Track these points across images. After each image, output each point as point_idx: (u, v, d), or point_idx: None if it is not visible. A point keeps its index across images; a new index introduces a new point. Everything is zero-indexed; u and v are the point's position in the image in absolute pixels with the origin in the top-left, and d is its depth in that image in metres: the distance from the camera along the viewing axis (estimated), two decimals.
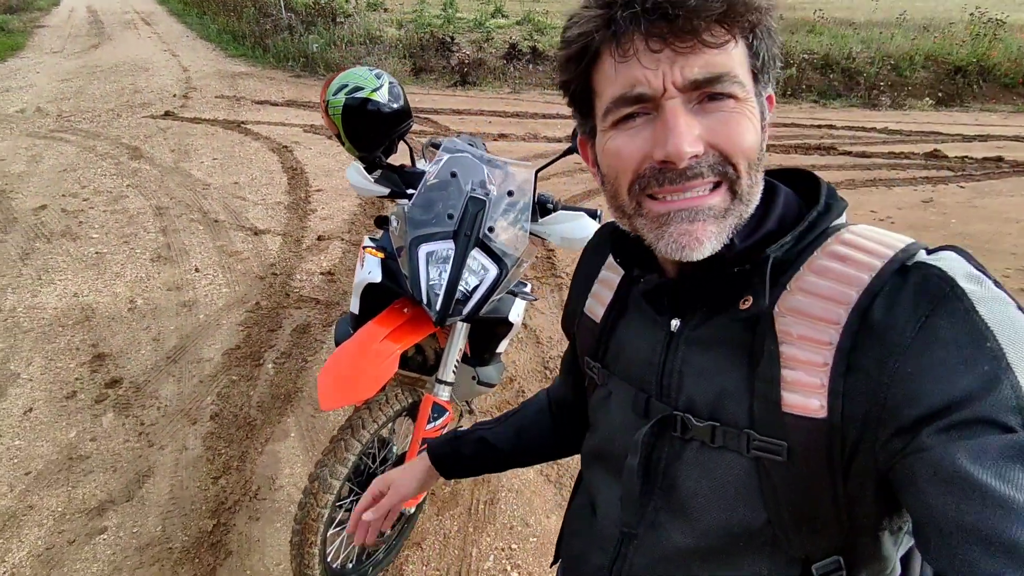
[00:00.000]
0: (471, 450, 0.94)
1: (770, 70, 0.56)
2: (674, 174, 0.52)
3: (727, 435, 0.56)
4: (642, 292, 0.65)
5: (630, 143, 0.54)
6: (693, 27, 0.49)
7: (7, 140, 6.18)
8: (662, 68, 0.51)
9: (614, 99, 0.54)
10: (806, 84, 9.01)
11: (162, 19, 15.97)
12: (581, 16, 0.54)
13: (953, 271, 0.49)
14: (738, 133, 0.53)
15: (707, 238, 0.54)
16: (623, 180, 0.56)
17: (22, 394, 2.70)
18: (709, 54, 0.51)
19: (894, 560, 0.59)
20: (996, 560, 0.40)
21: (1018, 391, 0.43)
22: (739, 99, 0.53)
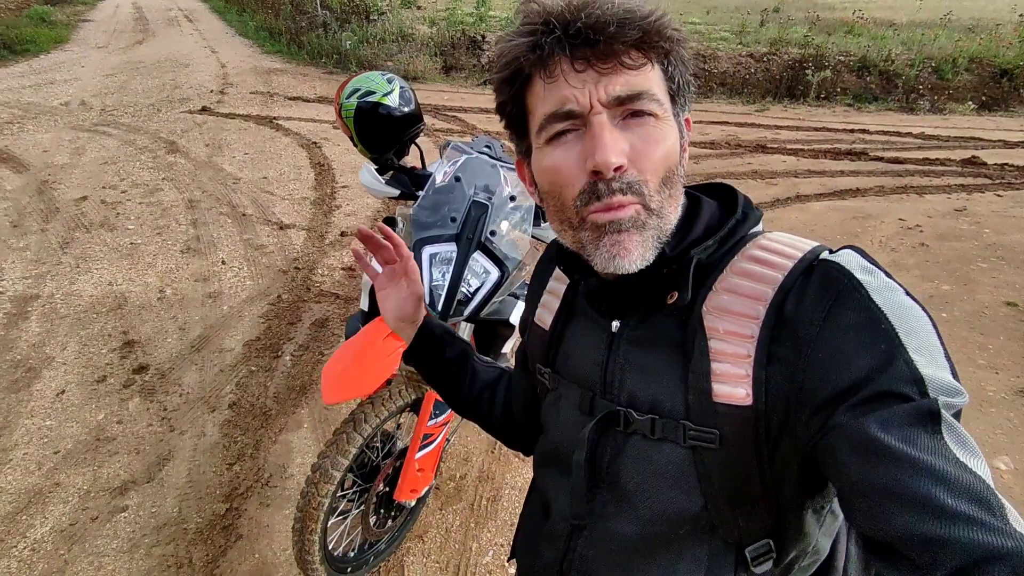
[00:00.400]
0: (451, 354, 0.93)
1: (685, 94, 0.62)
2: (604, 186, 0.57)
3: (665, 427, 0.61)
4: (583, 294, 0.71)
5: (565, 157, 0.59)
6: (613, 51, 0.56)
7: (52, 132, 6.46)
8: (588, 87, 0.56)
9: (546, 116, 0.59)
10: (841, 87, 8.79)
11: (204, 16, 16.40)
12: (511, 42, 0.59)
13: (850, 265, 0.55)
14: (656, 150, 0.58)
15: (634, 247, 0.58)
16: (568, 193, 0.60)
17: (56, 376, 2.85)
18: (629, 75, 0.56)
19: (816, 536, 0.64)
20: (910, 514, 0.44)
21: (910, 365, 0.49)
22: (658, 117, 0.58)
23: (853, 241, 4.21)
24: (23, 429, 2.53)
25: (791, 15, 12.54)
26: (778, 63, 9.26)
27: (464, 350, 0.94)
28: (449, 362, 0.92)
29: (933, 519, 0.43)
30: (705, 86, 9.10)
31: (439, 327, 0.93)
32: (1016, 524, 0.43)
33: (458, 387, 0.94)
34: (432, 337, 0.92)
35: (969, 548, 0.41)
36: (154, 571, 1.95)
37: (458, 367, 0.93)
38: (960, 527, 0.42)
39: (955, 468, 0.45)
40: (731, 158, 6.07)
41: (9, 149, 5.86)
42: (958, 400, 0.50)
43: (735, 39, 10.71)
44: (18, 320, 3.27)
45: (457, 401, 0.95)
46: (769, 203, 4.96)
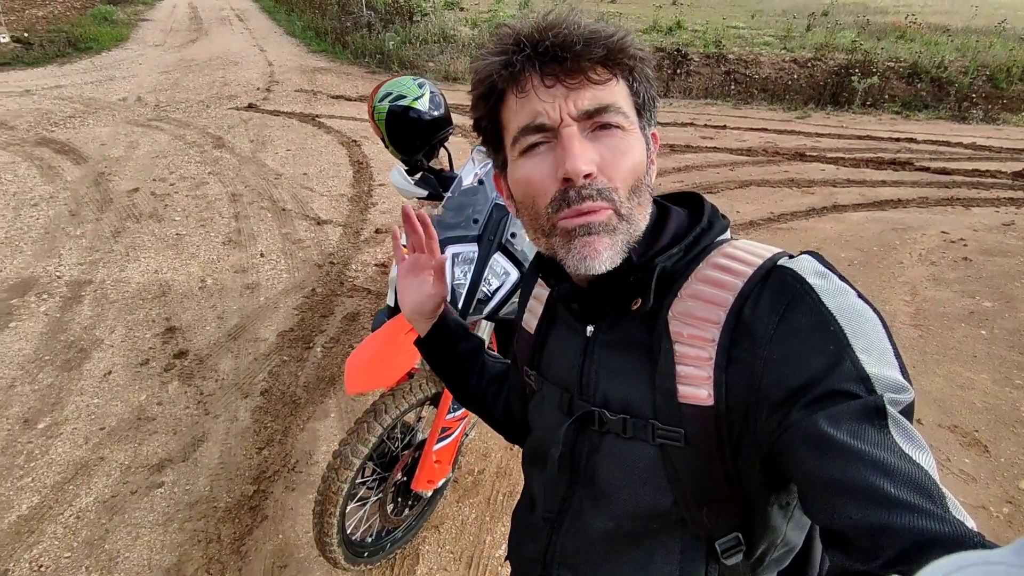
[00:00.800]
0: (464, 348, 0.95)
1: (651, 109, 0.66)
2: (574, 193, 0.60)
3: (636, 426, 0.65)
4: (557, 298, 0.75)
5: (538, 168, 0.63)
6: (580, 67, 0.60)
7: (109, 126, 6.79)
8: (558, 101, 0.60)
9: (519, 129, 0.63)
10: (889, 94, 8.55)
11: (254, 16, 16.93)
12: (485, 61, 0.64)
13: (804, 270, 0.58)
14: (624, 160, 0.62)
15: (603, 248, 0.62)
16: (540, 202, 0.64)
17: (104, 358, 3.02)
18: (596, 89, 0.61)
19: (783, 530, 0.67)
20: (857, 504, 0.47)
21: (857, 364, 0.52)
22: (625, 129, 0.62)
23: (890, 254, 4.12)
24: (73, 405, 2.70)
25: (839, 19, 12.21)
26: (823, 69, 9.06)
27: (477, 346, 0.96)
28: (461, 356, 0.95)
29: (878, 508, 0.46)
30: (745, 92, 8.96)
31: (454, 322, 0.95)
32: (955, 511, 0.45)
33: (467, 380, 0.96)
34: (447, 330, 0.94)
35: (910, 534, 0.44)
36: (185, 544, 2.06)
37: (469, 361, 0.95)
38: (902, 514, 0.45)
39: (899, 460, 0.48)
40: (767, 166, 5.98)
41: (71, 142, 6.19)
42: (904, 396, 0.53)
43: (779, 44, 10.51)
44: (72, 304, 3.47)
45: (463, 393, 0.98)
46: (804, 212, 4.87)
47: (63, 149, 5.98)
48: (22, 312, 3.37)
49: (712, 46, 10.13)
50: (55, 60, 10.49)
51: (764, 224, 4.65)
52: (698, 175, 5.67)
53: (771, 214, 4.82)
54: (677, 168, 5.85)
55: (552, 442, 0.71)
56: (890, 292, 3.71)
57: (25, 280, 3.69)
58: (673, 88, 9.22)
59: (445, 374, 0.97)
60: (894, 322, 3.39)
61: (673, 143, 6.63)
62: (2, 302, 3.45)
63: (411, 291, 0.91)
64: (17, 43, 10.84)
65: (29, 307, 3.42)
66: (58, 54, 10.77)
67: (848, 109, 8.44)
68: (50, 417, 2.62)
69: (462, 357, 0.95)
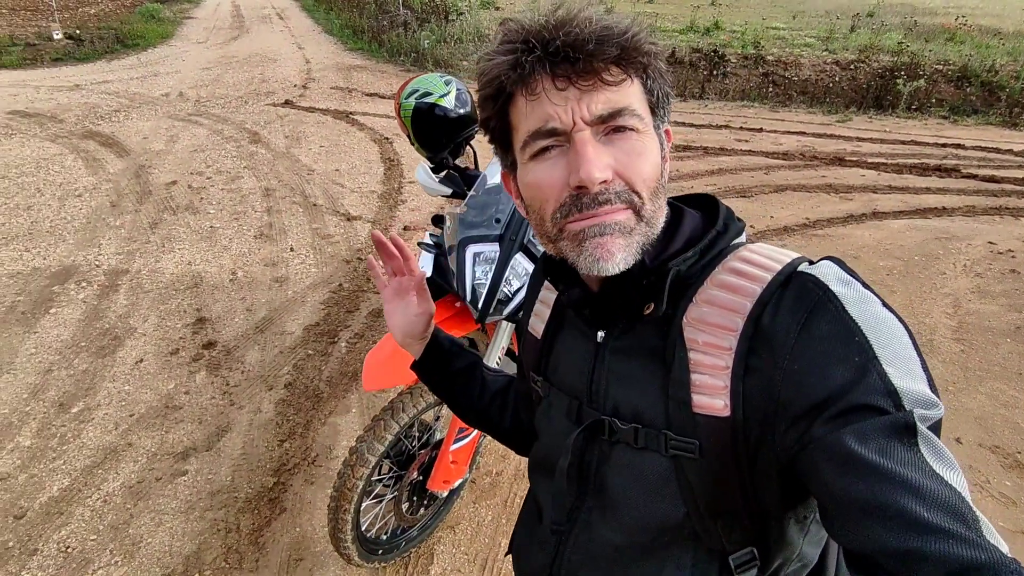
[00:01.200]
0: (460, 365, 0.93)
1: (664, 106, 0.63)
2: (588, 199, 0.58)
3: (648, 436, 0.62)
4: (568, 304, 0.71)
5: (548, 173, 0.60)
6: (593, 68, 0.56)
7: (152, 120, 6.99)
8: (570, 104, 0.57)
9: (530, 133, 0.60)
10: (936, 98, 8.24)
11: (294, 14, 17.25)
12: (492, 60, 0.60)
13: (826, 277, 0.55)
14: (641, 162, 0.59)
15: (617, 250, 0.59)
16: (547, 208, 0.61)
17: (136, 346, 3.10)
18: (609, 91, 0.57)
19: (800, 545, 0.64)
20: (886, 527, 0.45)
21: (884, 378, 0.49)
22: (640, 131, 0.59)
23: (932, 264, 3.96)
24: (105, 391, 2.77)
25: (885, 20, 11.84)
26: (866, 71, 8.79)
27: (473, 362, 0.94)
28: (456, 374, 0.92)
29: (909, 532, 0.43)
30: (783, 94, 8.75)
31: (447, 339, 0.93)
32: (990, 537, 0.43)
33: (467, 398, 0.94)
34: (440, 350, 0.92)
35: (943, 561, 0.42)
36: (205, 533, 2.10)
37: (465, 378, 0.93)
38: (936, 540, 0.42)
39: (931, 481, 0.45)
40: (804, 170, 5.82)
41: (115, 135, 6.40)
42: (933, 412, 0.49)
43: (820, 45, 10.23)
44: (109, 292, 3.57)
45: (466, 411, 0.95)
46: (841, 219, 4.72)
47: (107, 142, 6.17)
48: (62, 299, 3.48)
49: (750, 47, 9.92)
50: (104, 56, 10.86)
51: (799, 230, 4.52)
52: (732, 178, 5.55)
53: (807, 220, 4.69)
54: (710, 171, 5.74)
55: (560, 451, 0.69)
56: (931, 304, 3.57)
57: (66, 268, 3.82)
58: (709, 90, 9.06)
59: (445, 394, 0.95)
60: (934, 335, 3.26)
61: (707, 145, 6.51)
62: (44, 289, 3.57)
63: (398, 315, 0.89)
64: (69, 39, 11.27)
65: (69, 294, 3.53)
66: (107, 50, 11.15)
67: (892, 113, 8.17)
68: (83, 402, 2.69)
69: (459, 375, 0.93)
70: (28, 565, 1.97)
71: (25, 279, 3.66)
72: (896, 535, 0.44)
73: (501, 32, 0.61)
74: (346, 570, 1.97)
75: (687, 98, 8.99)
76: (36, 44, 10.84)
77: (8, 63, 9.89)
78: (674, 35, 11.44)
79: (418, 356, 0.92)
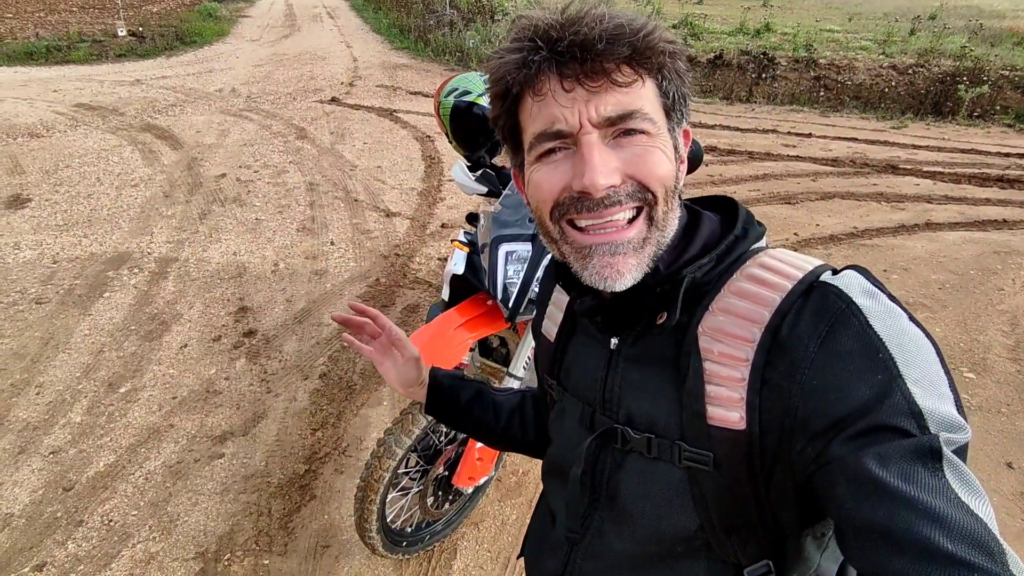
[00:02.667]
0: (467, 396, 0.93)
1: (681, 108, 0.60)
2: (592, 202, 0.56)
3: (661, 446, 0.60)
4: (579, 311, 0.70)
5: (551, 175, 0.58)
6: (603, 68, 0.54)
7: (205, 115, 7.25)
8: (577, 106, 0.55)
9: (536, 135, 0.58)
10: (1001, 105, 7.84)
11: (344, 13, 17.62)
12: (501, 59, 0.58)
13: (850, 289, 0.52)
14: (653, 163, 0.56)
15: (627, 270, 0.58)
16: (544, 208, 0.60)
17: (181, 332, 3.22)
18: (619, 93, 0.55)
19: (817, 560, 0.61)
20: (906, 557, 0.43)
21: (908, 398, 0.47)
22: (651, 135, 0.56)
23: (989, 279, 3.78)
24: (151, 374, 2.89)
25: (948, 23, 11.34)
26: (925, 76, 8.43)
27: (479, 389, 0.94)
28: (468, 405, 0.92)
29: (930, 563, 0.42)
30: (835, 99, 8.46)
31: (445, 376, 0.93)
32: (1016, 570, 0.40)
33: (485, 425, 0.94)
34: (442, 388, 0.92)
35: None
36: (238, 515, 2.16)
37: (478, 407, 0.93)
38: (957, 573, 0.41)
39: (955, 509, 0.43)
40: (854, 177, 5.62)
41: (171, 128, 6.66)
42: (960, 436, 0.47)
43: (877, 49, 9.87)
44: (159, 279, 3.72)
45: (492, 437, 0.96)
46: (892, 229, 4.54)
47: (163, 135, 6.43)
48: (115, 284, 3.64)
49: (802, 50, 9.64)
50: (164, 52, 11.33)
51: (846, 239, 4.37)
52: (776, 184, 5.41)
53: (854, 229, 4.52)
54: (755, 176, 5.60)
55: (573, 457, 0.68)
56: (986, 321, 3.40)
57: (120, 254, 3.99)
58: (757, 93, 8.84)
59: (465, 427, 0.96)
60: (988, 354, 3.10)
61: (752, 150, 6.35)
62: (100, 273, 3.74)
63: (392, 371, 0.90)
64: (132, 36, 11.79)
65: (122, 279, 3.69)
66: (167, 47, 11.62)
67: (952, 120, 7.81)
68: (130, 383, 2.81)
69: (470, 404, 0.93)
70: (74, 535, 2.07)
71: (83, 264, 3.85)
72: (915, 565, 0.42)
73: (512, 30, 0.59)
74: (371, 560, 2.00)
75: (734, 101, 8.80)
76: (102, 40, 11.39)
77: (76, 58, 10.42)
78: (722, 37, 11.21)
79: (423, 399, 0.92)
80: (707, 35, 11.25)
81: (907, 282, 3.78)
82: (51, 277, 3.68)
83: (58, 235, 4.21)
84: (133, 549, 2.03)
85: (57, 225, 4.36)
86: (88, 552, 2.01)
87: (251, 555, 2.02)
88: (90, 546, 2.03)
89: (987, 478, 2.35)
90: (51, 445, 2.44)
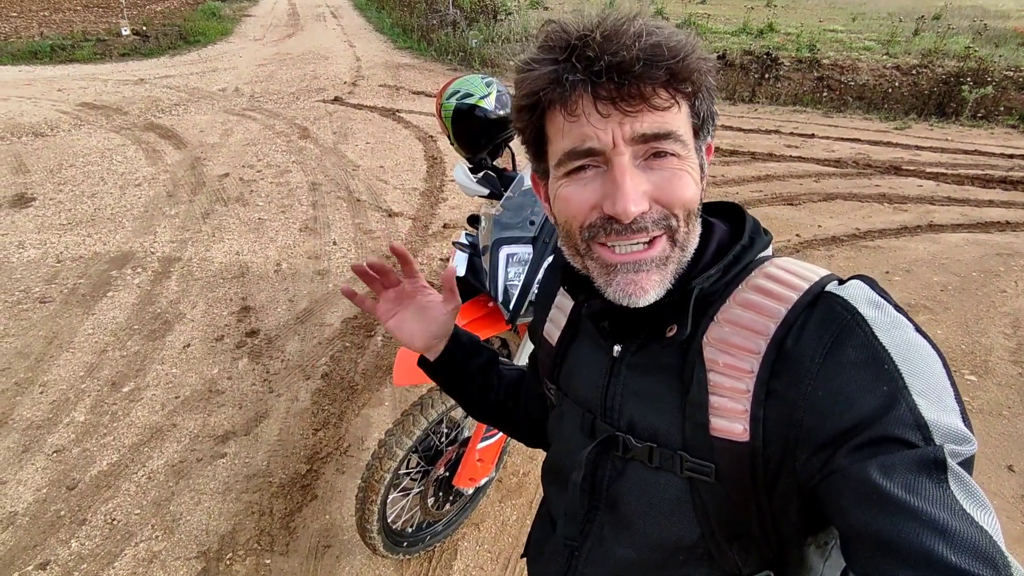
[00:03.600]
0: (481, 361, 0.89)
1: (709, 125, 0.60)
2: (621, 227, 0.56)
3: (663, 456, 0.61)
4: (587, 315, 0.69)
5: (581, 193, 0.58)
6: (640, 92, 0.53)
7: (208, 115, 7.26)
8: (611, 126, 0.54)
9: (566, 152, 0.57)
10: (1005, 106, 7.81)
11: (347, 12, 17.63)
12: (532, 69, 0.57)
13: (855, 300, 0.53)
14: (680, 189, 0.56)
15: (651, 287, 0.58)
16: (574, 225, 0.60)
17: (184, 331, 3.23)
18: (656, 115, 0.54)
19: (820, 570, 0.61)
20: (909, 568, 0.43)
21: (914, 409, 0.47)
22: (681, 157, 0.56)
23: (991, 281, 3.77)
24: (154, 373, 2.90)
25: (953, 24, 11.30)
26: (929, 76, 8.41)
27: (490, 358, 0.91)
28: (476, 372, 0.89)
29: (933, 575, 0.42)
30: (839, 99, 8.44)
31: (466, 335, 0.89)
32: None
33: (486, 394, 0.91)
34: (462, 346, 0.87)
35: None
36: (240, 514, 2.17)
37: (485, 374, 0.90)
38: None
39: (960, 521, 0.43)
40: (857, 178, 5.62)
41: (174, 128, 6.68)
42: (966, 448, 0.47)
43: (881, 49, 9.85)
44: (162, 279, 3.74)
45: (482, 409, 0.92)
46: (894, 230, 4.54)
47: (167, 134, 6.45)
48: (119, 283, 3.66)
49: (805, 50, 9.62)
50: (168, 52, 11.34)
51: (848, 241, 4.37)
52: (779, 185, 5.40)
53: (857, 230, 4.52)
54: (757, 177, 5.60)
55: (573, 464, 0.68)
56: (988, 323, 3.39)
57: (124, 254, 4.01)
58: (760, 94, 8.83)
59: (460, 391, 0.90)
60: (990, 356, 3.10)
61: (755, 151, 6.35)
62: (103, 273, 3.76)
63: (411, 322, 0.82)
64: (136, 35, 11.82)
65: (125, 279, 3.71)
66: (170, 46, 11.64)
67: (955, 121, 7.79)
68: (134, 382, 2.83)
69: (478, 372, 0.89)
70: (77, 534, 2.08)
71: (87, 263, 3.87)
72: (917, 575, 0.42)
73: (543, 35, 0.57)
74: (372, 560, 2.01)
75: (736, 102, 8.79)
76: (106, 40, 11.41)
77: (80, 57, 10.44)
78: (725, 37, 11.20)
79: (437, 355, 0.86)
80: (710, 35, 11.24)
81: (909, 284, 3.78)
82: (55, 276, 3.70)
83: (62, 234, 4.23)
84: (136, 548, 2.04)
85: (61, 224, 4.38)
86: (91, 551, 2.03)
87: (253, 554, 2.03)
88: (93, 544, 2.05)
89: (988, 481, 2.36)
90: (55, 444, 2.45)
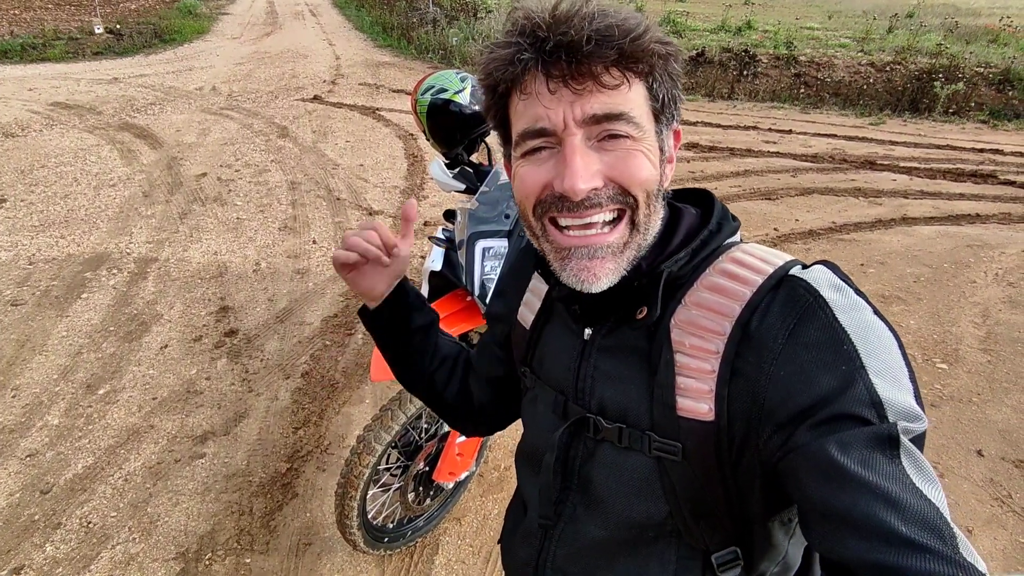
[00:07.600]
0: (421, 322, 0.85)
1: (671, 110, 0.60)
2: (572, 203, 0.57)
3: (631, 436, 0.62)
4: (557, 298, 0.71)
5: (534, 173, 0.59)
6: (590, 71, 0.54)
7: (185, 114, 7.17)
8: (562, 106, 0.55)
9: (521, 132, 0.59)
10: (976, 101, 7.98)
11: (326, 11, 17.48)
12: (492, 54, 0.59)
13: (818, 283, 0.54)
14: (634, 168, 0.57)
15: (604, 274, 0.59)
16: (527, 204, 0.61)
17: (162, 332, 3.19)
18: (606, 94, 0.55)
19: (785, 547, 0.64)
20: (863, 539, 0.45)
21: (870, 388, 0.49)
22: (635, 139, 0.57)
23: (962, 272, 3.86)
24: (131, 375, 2.86)
25: (925, 21, 11.51)
26: (903, 73, 8.57)
27: (433, 320, 0.87)
28: (415, 331, 0.85)
29: (886, 545, 0.44)
30: (815, 96, 8.56)
31: (413, 291, 0.85)
32: (966, 553, 0.43)
33: (419, 359, 0.87)
34: (406, 300, 0.83)
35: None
36: (220, 514, 2.15)
37: (422, 337, 0.86)
38: (911, 555, 0.43)
39: (910, 495, 0.45)
40: (833, 173, 5.71)
41: (150, 128, 6.58)
42: (917, 425, 0.49)
43: (856, 46, 10.00)
44: (138, 279, 3.69)
45: (411, 375, 0.88)
46: (869, 224, 4.62)
47: (142, 134, 6.35)
48: (93, 285, 3.60)
49: (783, 47, 9.74)
50: (142, 50, 11.16)
51: (824, 234, 4.44)
52: (757, 180, 5.47)
53: (833, 224, 4.60)
54: (736, 172, 5.66)
55: (546, 446, 0.69)
56: (959, 312, 3.47)
57: (99, 255, 3.95)
58: (739, 90, 8.92)
59: (394, 351, 0.86)
60: (960, 345, 3.17)
61: (734, 147, 6.42)
62: (77, 275, 3.70)
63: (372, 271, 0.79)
64: (110, 34, 11.61)
65: (100, 280, 3.65)
66: (145, 45, 11.46)
67: (928, 117, 7.94)
68: (109, 384, 2.79)
69: (417, 332, 0.85)
70: (52, 538, 2.05)
71: (59, 265, 3.80)
72: (873, 548, 0.44)
73: (508, 20, 0.59)
74: (353, 556, 2.01)
75: (715, 98, 8.87)
76: (78, 38, 11.20)
77: (52, 56, 10.23)
78: (704, 34, 11.30)
79: (377, 302, 0.82)
80: (689, 32, 11.33)
81: (883, 276, 3.85)
82: (27, 278, 3.63)
83: (34, 236, 4.15)
84: (113, 550, 2.02)
85: (33, 226, 4.30)
86: (67, 554, 2.00)
87: (232, 554, 2.02)
88: (69, 548, 2.02)
89: (958, 465, 2.41)
90: (28, 448, 2.41)
